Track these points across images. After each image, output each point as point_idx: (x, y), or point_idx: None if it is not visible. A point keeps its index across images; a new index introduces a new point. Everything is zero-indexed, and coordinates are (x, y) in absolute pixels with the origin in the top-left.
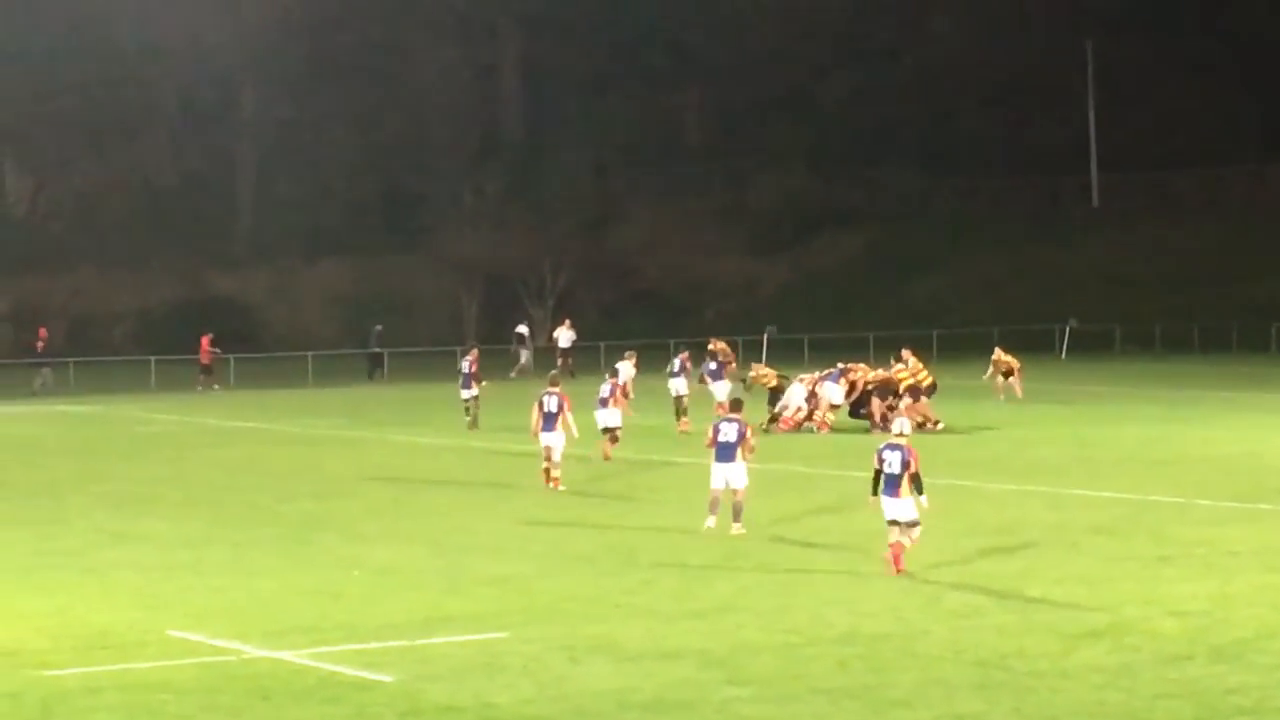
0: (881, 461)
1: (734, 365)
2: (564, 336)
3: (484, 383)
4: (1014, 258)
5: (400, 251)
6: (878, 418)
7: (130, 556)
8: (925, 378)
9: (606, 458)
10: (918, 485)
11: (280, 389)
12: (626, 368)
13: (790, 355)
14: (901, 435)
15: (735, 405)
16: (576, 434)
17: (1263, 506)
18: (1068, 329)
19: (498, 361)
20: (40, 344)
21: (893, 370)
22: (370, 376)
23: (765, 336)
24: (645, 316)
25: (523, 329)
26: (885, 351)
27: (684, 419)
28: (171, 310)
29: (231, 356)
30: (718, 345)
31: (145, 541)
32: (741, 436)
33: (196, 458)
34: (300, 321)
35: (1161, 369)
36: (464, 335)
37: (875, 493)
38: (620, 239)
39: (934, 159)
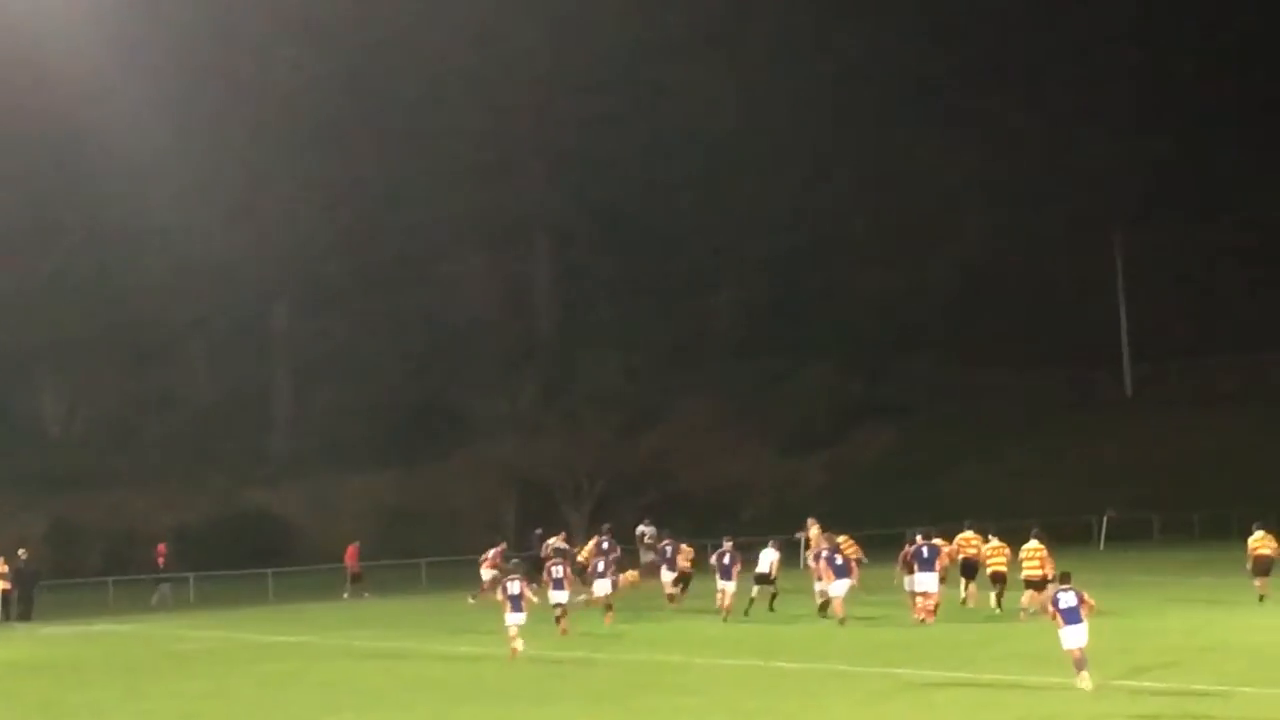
0: None
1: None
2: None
3: None
4: (1049, 449)
5: (437, 460)
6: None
7: None
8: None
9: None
10: None
11: (319, 601)
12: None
13: None
14: None
15: (1065, 577)
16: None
17: None
18: (1105, 519)
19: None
20: (160, 559)
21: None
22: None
23: (800, 535)
24: (684, 518)
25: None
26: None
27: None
28: (209, 526)
29: (270, 571)
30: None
31: None
32: (1081, 600)
33: (238, 674)
34: (337, 533)
35: (1201, 557)
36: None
37: None
38: (657, 441)
39: (966, 351)
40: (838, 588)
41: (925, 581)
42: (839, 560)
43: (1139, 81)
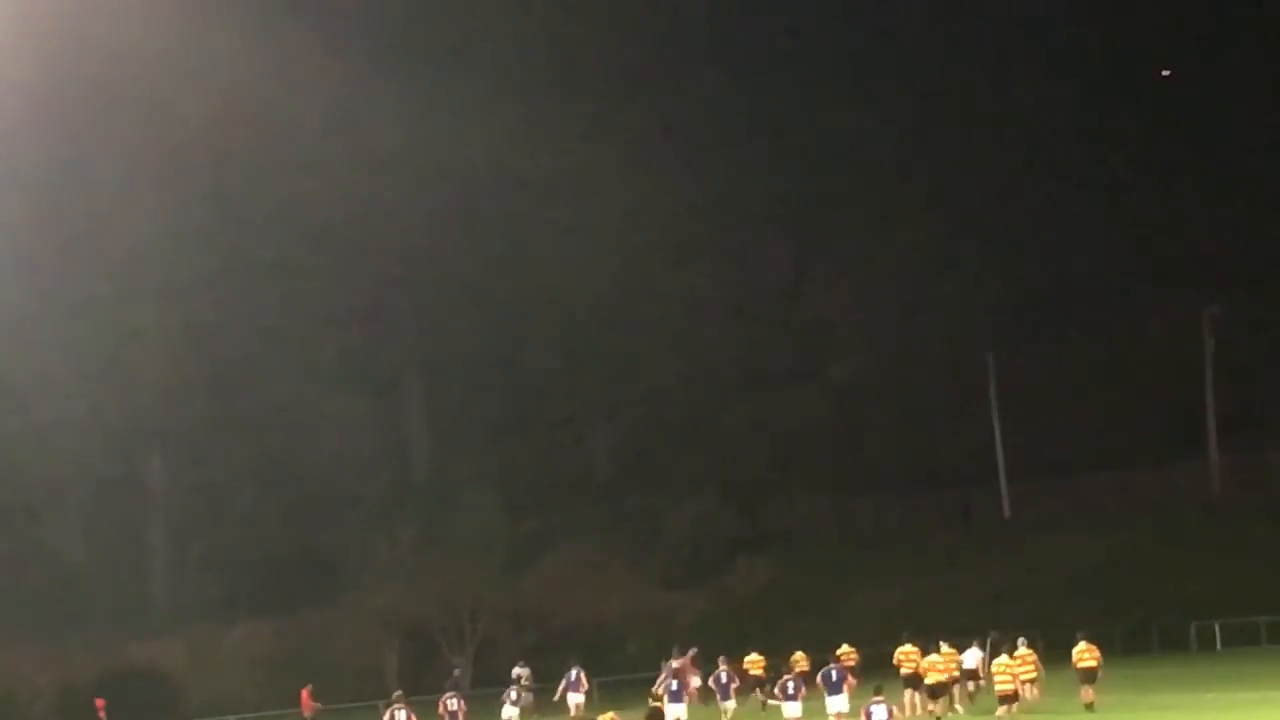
0: None
1: None
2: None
3: None
4: (930, 573)
5: (317, 608)
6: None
7: None
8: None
9: None
10: None
11: None
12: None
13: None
14: None
15: (877, 690)
16: None
17: None
18: (989, 642)
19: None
20: (101, 714)
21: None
22: None
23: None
24: (567, 656)
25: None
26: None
27: None
28: (90, 683)
29: None
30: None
31: None
32: (890, 714)
33: None
34: (221, 686)
35: None
36: (386, 689)
37: None
38: (537, 580)
39: (843, 479)
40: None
41: (836, 704)
42: (674, 685)
43: (1008, 205)
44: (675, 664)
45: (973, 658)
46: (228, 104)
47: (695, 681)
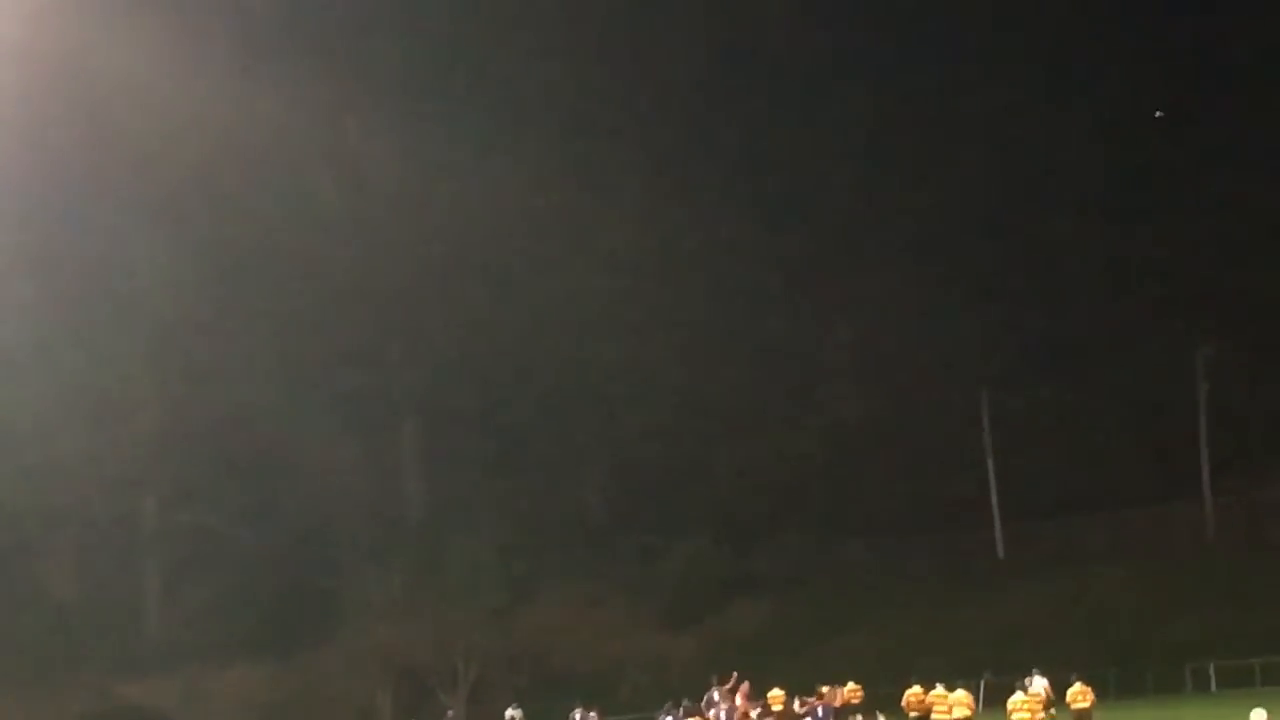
0: None
1: None
2: None
3: None
4: (925, 614)
5: (312, 649)
6: None
7: None
8: None
9: None
10: None
11: None
12: None
13: None
14: None
15: None
16: None
17: None
18: (983, 683)
19: None
20: None
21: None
22: None
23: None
24: (560, 699)
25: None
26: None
27: None
28: None
29: None
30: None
31: None
32: None
33: None
34: None
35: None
36: None
37: None
38: (530, 621)
39: (837, 520)
40: None
41: None
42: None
43: (1002, 246)
44: (731, 704)
45: (1039, 685)
46: (225, 148)
47: (753, 711)
